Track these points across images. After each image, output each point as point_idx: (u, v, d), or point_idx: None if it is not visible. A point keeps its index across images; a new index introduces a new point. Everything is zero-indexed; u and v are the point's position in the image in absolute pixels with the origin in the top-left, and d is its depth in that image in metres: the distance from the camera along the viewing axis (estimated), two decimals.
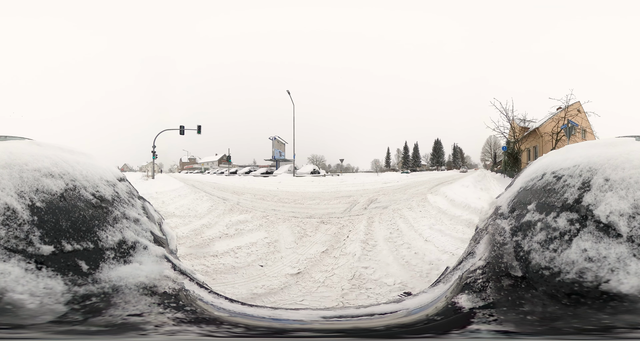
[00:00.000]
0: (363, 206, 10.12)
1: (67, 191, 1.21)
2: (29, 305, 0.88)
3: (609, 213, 0.99)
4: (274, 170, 44.78)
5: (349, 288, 3.83)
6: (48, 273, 0.95)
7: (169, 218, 7.26)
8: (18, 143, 1.35)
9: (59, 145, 1.44)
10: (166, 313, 1.01)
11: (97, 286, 1.00)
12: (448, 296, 1.18)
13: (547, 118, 28.38)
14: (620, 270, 0.89)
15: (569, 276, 0.93)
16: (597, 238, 0.96)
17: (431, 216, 7.89)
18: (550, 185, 1.24)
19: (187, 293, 1.15)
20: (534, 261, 1.02)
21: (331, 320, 1.13)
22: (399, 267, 4.50)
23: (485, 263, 1.19)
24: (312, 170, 41.20)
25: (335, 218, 8.04)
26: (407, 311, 1.17)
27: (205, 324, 1.01)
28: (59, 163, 1.28)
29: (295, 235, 6.40)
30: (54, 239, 1.02)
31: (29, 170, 1.16)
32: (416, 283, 3.91)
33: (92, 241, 1.10)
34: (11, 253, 0.93)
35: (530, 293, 0.97)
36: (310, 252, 5.23)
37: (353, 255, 4.97)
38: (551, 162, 1.38)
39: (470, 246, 1.46)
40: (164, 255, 1.25)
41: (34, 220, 1.03)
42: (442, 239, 5.56)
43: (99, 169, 1.46)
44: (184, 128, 29.86)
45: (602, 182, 1.07)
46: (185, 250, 5.13)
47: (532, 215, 1.18)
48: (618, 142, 1.28)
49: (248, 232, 6.60)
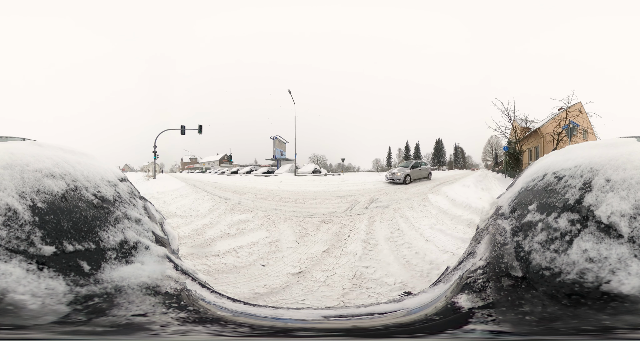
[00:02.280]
0: (364, 205, 10.12)
1: (69, 191, 1.21)
2: (31, 305, 0.88)
3: (610, 214, 0.99)
4: (275, 169, 44.75)
5: (349, 288, 3.83)
6: (50, 274, 0.95)
7: (171, 218, 7.27)
8: (19, 144, 1.35)
9: (60, 146, 1.45)
10: (169, 313, 1.01)
11: (99, 286, 1.00)
12: (448, 296, 1.18)
13: (548, 118, 28.37)
14: (621, 270, 0.89)
15: (570, 277, 0.93)
16: (598, 239, 0.96)
17: (432, 216, 7.89)
18: (552, 186, 1.24)
19: (189, 293, 1.15)
20: (535, 261, 1.02)
21: (332, 320, 1.13)
22: (399, 267, 4.50)
23: (486, 263, 1.18)
24: (313, 170, 41.14)
25: (337, 218, 8.04)
26: (406, 311, 1.17)
27: (210, 324, 1.01)
28: (60, 164, 1.28)
29: (296, 234, 6.40)
30: (56, 240, 1.02)
31: (30, 170, 1.16)
32: (417, 282, 3.91)
33: (94, 241, 1.10)
34: (12, 254, 0.94)
35: (530, 294, 0.97)
36: (311, 251, 5.24)
37: (354, 254, 4.97)
38: (552, 163, 1.37)
39: (471, 246, 1.46)
40: (166, 255, 1.25)
41: (35, 220, 1.03)
42: (442, 239, 5.56)
43: (100, 169, 1.46)
44: (185, 128, 29.83)
45: (603, 182, 1.07)
46: (187, 249, 5.14)
47: (533, 215, 1.18)
48: (619, 142, 1.28)
49: (249, 231, 6.60)
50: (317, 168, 42.04)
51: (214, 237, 6.05)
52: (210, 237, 6.04)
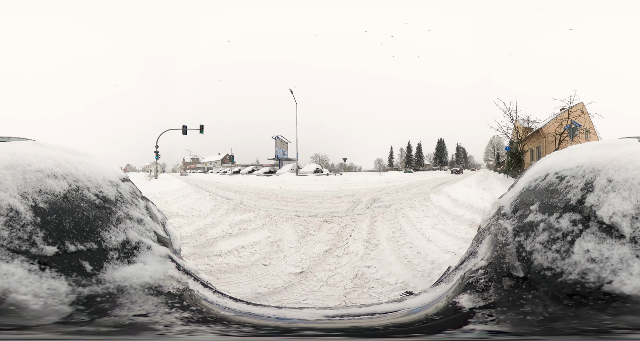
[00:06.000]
0: (366, 205, 10.11)
1: (70, 192, 1.21)
2: (33, 306, 0.88)
3: (611, 214, 0.99)
4: (277, 169, 44.79)
5: (351, 287, 3.83)
6: (52, 274, 0.95)
7: (173, 218, 7.28)
8: (21, 144, 1.36)
9: (62, 146, 1.45)
10: (172, 313, 1.01)
11: (101, 286, 1.00)
12: (449, 296, 1.17)
13: (550, 118, 28.35)
14: (622, 271, 0.89)
15: (571, 277, 0.93)
16: (600, 239, 0.96)
17: (434, 216, 7.88)
18: (553, 186, 1.24)
19: (191, 293, 1.15)
20: (536, 261, 1.02)
21: (334, 319, 1.13)
22: (401, 267, 4.50)
23: (488, 263, 1.18)
24: (315, 169, 41.18)
25: (338, 218, 8.04)
26: (407, 311, 1.17)
27: (213, 324, 1.01)
28: (62, 164, 1.28)
29: (298, 234, 6.41)
30: (58, 240, 1.02)
31: (32, 171, 1.16)
32: (418, 282, 3.91)
33: (96, 241, 1.10)
34: (14, 254, 0.94)
35: (532, 294, 0.97)
36: (313, 251, 5.24)
37: (356, 254, 4.97)
38: (554, 163, 1.37)
39: (473, 246, 1.46)
40: (168, 255, 1.26)
41: (37, 220, 1.03)
42: (444, 239, 5.55)
43: (102, 170, 1.46)
44: (186, 128, 29.93)
45: (605, 182, 1.07)
46: (189, 249, 5.15)
47: (535, 215, 1.17)
48: (621, 143, 1.27)
49: (251, 231, 6.61)
50: (319, 168, 42.09)
51: (216, 236, 6.05)
52: (212, 236, 6.04)
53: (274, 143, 52.49)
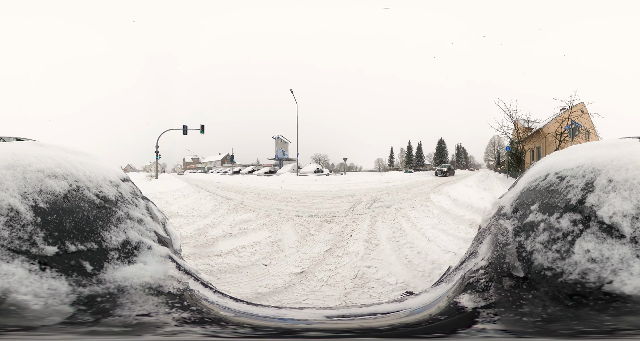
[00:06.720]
0: (366, 205, 10.12)
1: (71, 192, 1.21)
2: (34, 306, 0.88)
3: (612, 214, 0.99)
4: (277, 169, 44.82)
5: (351, 287, 3.83)
6: (52, 274, 0.95)
7: (173, 218, 7.29)
8: (21, 144, 1.36)
9: (62, 146, 1.45)
10: (173, 313, 1.01)
11: (101, 286, 1.00)
12: (450, 296, 1.17)
13: (550, 118, 28.37)
14: (623, 271, 0.89)
15: (572, 277, 0.93)
16: (600, 239, 0.96)
17: (434, 215, 7.88)
18: (554, 186, 1.23)
19: (191, 293, 1.15)
20: (537, 261, 1.02)
21: (335, 320, 1.13)
22: (401, 266, 4.50)
23: (488, 263, 1.18)
24: (315, 169, 41.22)
25: (339, 217, 8.05)
26: (409, 311, 1.17)
27: (213, 324, 1.02)
28: (63, 164, 1.28)
29: (298, 234, 6.41)
30: (58, 240, 1.03)
31: (32, 171, 1.16)
32: (418, 282, 3.91)
33: (96, 241, 1.10)
34: (15, 254, 0.94)
35: (532, 294, 0.97)
36: (313, 251, 5.24)
37: (356, 254, 4.97)
38: (555, 163, 1.37)
39: (473, 246, 1.46)
40: (168, 255, 1.26)
41: (37, 221, 1.04)
42: (444, 239, 5.56)
43: (102, 170, 1.46)
44: (187, 128, 29.96)
45: (606, 182, 1.07)
46: (189, 249, 5.15)
47: (535, 215, 1.17)
48: (622, 142, 1.27)
49: (252, 231, 6.61)
50: (320, 168, 42.13)
51: (216, 236, 6.06)
52: (212, 236, 6.05)
53: (275, 143, 52.51)
